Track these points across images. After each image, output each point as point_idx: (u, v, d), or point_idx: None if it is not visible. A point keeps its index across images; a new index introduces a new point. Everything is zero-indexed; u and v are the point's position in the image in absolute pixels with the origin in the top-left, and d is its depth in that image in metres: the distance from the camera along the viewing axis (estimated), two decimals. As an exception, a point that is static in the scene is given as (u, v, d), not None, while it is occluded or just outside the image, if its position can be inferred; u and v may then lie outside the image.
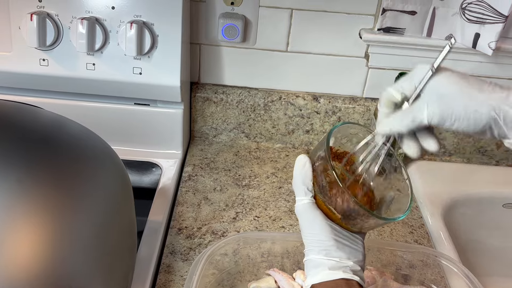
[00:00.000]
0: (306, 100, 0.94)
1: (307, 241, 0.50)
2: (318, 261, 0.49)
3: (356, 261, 0.49)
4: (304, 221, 0.50)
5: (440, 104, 0.45)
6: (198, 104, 0.94)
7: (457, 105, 0.45)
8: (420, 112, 0.46)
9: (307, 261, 0.50)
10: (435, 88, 0.46)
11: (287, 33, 0.89)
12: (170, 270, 0.68)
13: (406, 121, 0.47)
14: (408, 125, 0.47)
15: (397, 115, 0.48)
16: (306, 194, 0.50)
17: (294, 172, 0.51)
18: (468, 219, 0.91)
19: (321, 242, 0.49)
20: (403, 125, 0.47)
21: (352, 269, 0.49)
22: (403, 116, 0.48)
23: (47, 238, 0.46)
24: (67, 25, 0.77)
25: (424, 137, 0.49)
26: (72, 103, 0.86)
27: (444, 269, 0.67)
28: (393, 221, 0.51)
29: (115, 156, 0.60)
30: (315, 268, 0.49)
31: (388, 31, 0.86)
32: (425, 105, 0.46)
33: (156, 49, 0.79)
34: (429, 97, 0.46)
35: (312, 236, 0.50)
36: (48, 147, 0.53)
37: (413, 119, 0.47)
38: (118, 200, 0.57)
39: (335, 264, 0.48)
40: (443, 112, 0.45)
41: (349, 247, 0.50)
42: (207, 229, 0.76)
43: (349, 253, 0.49)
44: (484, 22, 0.80)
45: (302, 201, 0.50)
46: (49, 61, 0.79)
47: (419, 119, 0.46)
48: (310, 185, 0.50)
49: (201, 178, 0.87)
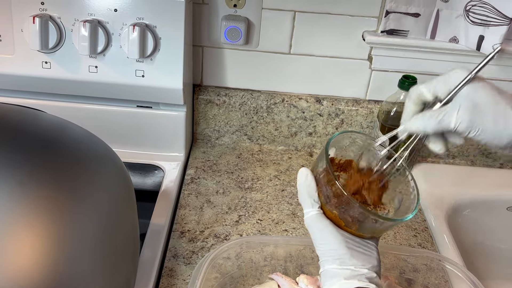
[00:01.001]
0: (309, 103, 0.94)
1: (320, 252, 0.50)
2: (333, 272, 0.49)
3: (370, 267, 0.49)
4: (314, 232, 0.50)
5: (472, 112, 0.45)
6: (200, 107, 0.94)
7: (487, 117, 0.45)
8: (449, 116, 0.46)
9: (323, 272, 0.50)
10: (470, 95, 0.45)
11: (290, 35, 0.89)
12: (173, 274, 0.68)
13: (434, 122, 0.47)
14: (434, 126, 0.47)
15: (426, 115, 0.48)
16: (312, 205, 0.50)
17: (298, 186, 0.51)
18: (472, 222, 0.90)
19: (334, 251, 0.49)
20: (429, 125, 0.47)
21: (368, 276, 0.48)
22: (431, 116, 0.47)
23: (49, 241, 0.46)
24: (70, 28, 0.77)
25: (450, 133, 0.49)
26: (75, 105, 0.85)
27: (448, 273, 0.67)
28: (402, 221, 0.50)
29: (117, 159, 0.60)
30: (331, 279, 0.49)
31: (391, 33, 0.86)
32: (456, 110, 0.46)
33: (158, 51, 0.79)
34: (462, 103, 0.45)
35: (325, 246, 0.49)
36: (50, 150, 0.52)
37: (441, 121, 0.46)
38: (121, 203, 0.57)
39: (350, 273, 0.48)
40: (472, 120, 0.45)
41: (363, 253, 0.49)
42: (210, 232, 0.75)
43: (363, 259, 0.49)
44: (488, 24, 0.80)
45: (310, 213, 0.50)
46: (52, 64, 0.79)
47: (447, 122, 0.46)
48: (315, 196, 0.50)
49: (203, 181, 0.87)
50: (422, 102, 0.49)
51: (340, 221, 0.50)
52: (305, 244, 0.69)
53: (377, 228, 0.50)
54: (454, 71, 0.47)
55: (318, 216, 0.50)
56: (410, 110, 0.50)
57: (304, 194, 0.50)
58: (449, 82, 0.47)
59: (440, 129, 0.47)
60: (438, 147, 0.50)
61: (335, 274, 0.48)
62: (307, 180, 0.50)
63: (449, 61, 0.89)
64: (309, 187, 0.50)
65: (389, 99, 0.86)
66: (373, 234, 0.51)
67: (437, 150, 0.50)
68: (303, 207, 0.51)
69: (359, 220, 0.49)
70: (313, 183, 0.50)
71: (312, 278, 0.63)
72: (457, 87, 0.46)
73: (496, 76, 0.90)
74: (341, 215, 0.49)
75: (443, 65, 0.89)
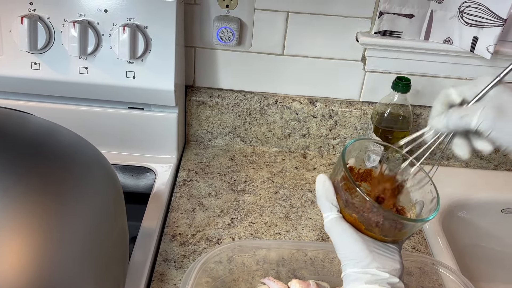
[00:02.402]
0: (303, 104, 0.93)
1: (341, 256, 0.50)
2: (354, 276, 0.48)
3: (393, 271, 0.48)
4: (335, 236, 0.50)
5: (496, 113, 0.46)
6: (193, 108, 0.93)
7: (510, 120, 0.45)
8: (473, 113, 0.46)
9: (344, 276, 0.49)
10: (496, 97, 0.46)
11: (283, 36, 0.88)
12: (163, 279, 0.67)
13: (456, 117, 0.47)
14: (456, 122, 0.48)
15: (449, 111, 0.49)
16: (331, 209, 0.50)
17: (317, 192, 0.51)
18: (466, 224, 0.90)
19: (355, 254, 0.48)
20: (451, 121, 0.48)
21: (389, 281, 0.48)
22: (454, 111, 0.48)
23: (34, 247, 0.45)
24: (59, 28, 0.76)
25: (476, 138, 0.49)
26: (65, 107, 0.84)
27: (442, 277, 0.66)
28: (423, 222, 0.50)
29: (106, 162, 0.59)
30: (352, 283, 0.48)
31: (385, 34, 0.85)
32: (480, 109, 0.46)
33: (149, 52, 0.78)
34: (487, 103, 0.46)
35: (345, 250, 0.49)
36: (37, 154, 0.51)
37: (463, 117, 0.47)
38: (109, 208, 0.56)
39: (371, 277, 0.47)
40: (495, 121, 0.46)
41: (385, 257, 0.49)
42: (202, 235, 0.75)
43: (385, 263, 0.48)
44: (482, 25, 0.79)
45: (329, 216, 0.50)
46: (41, 65, 0.78)
47: (469, 119, 0.47)
48: (334, 200, 0.50)
49: (196, 183, 0.86)
50: (449, 104, 0.50)
51: (361, 225, 0.49)
52: (297, 247, 0.68)
53: (399, 232, 0.50)
54: (483, 77, 0.48)
55: (337, 219, 0.49)
56: (436, 110, 0.50)
57: (322, 198, 0.50)
58: (477, 85, 0.48)
59: (462, 126, 0.47)
60: (463, 151, 0.50)
61: (356, 278, 0.48)
62: (325, 185, 0.51)
63: (443, 62, 0.88)
64: (327, 191, 0.50)
65: (383, 100, 0.85)
66: (395, 238, 0.51)
67: (461, 154, 0.50)
68: (322, 212, 0.51)
69: (379, 223, 0.48)
70: (331, 187, 0.50)
71: (304, 282, 0.62)
72: (484, 89, 0.47)
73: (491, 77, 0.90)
74: (361, 219, 0.49)
75: (437, 66, 0.89)
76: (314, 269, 0.67)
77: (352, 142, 0.52)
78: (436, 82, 0.91)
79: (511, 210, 0.90)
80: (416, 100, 0.92)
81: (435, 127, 0.50)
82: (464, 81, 0.49)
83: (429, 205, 0.52)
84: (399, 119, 0.84)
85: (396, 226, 0.49)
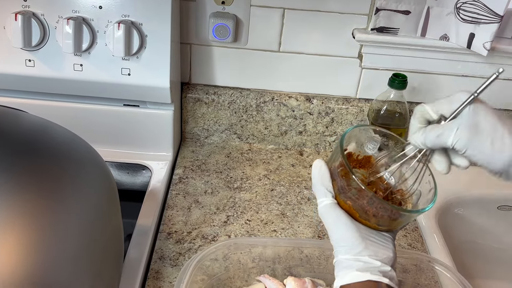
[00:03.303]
0: (299, 101, 0.93)
1: (334, 242, 0.50)
2: (346, 263, 0.48)
3: (385, 259, 0.48)
4: (328, 221, 0.50)
5: (471, 131, 0.46)
6: (189, 105, 0.93)
7: (485, 138, 0.46)
8: (449, 132, 0.47)
9: (336, 262, 0.49)
10: (471, 116, 0.46)
11: (279, 33, 0.88)
12: (159, 276, 0.67)
13: (433, 135, 0.48)
14: (433, 139, 0.48)
15: (427, 128, 0.49)
16: (326, 194, 0.50)
17: (312, 177, 0.51)
18: (463, 221, 0.90)
19: (347, 241, 0.48)
20: (428, 138, 0.48)
21: (381, 269, 0.48)
22: (431, 129, 0.48)
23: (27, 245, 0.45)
24: (53, 25, 0.75)
25: (454, 154, 0.50)
26: (60, 104, 0.84)
27: (438, 274, 0.66)
28: (420, 213, 0.50)
29: (101, 160, 0.58)
30: (343, 270, 0.48)
31: (381, 31, 0.85)
32: (456, 127, 0.47)
33: (144, 49, 0.77)
34: (462, 121, 0.47)
35: (338, 236, 0.49)
36: (31, 152, 0.51)
37: (440, 135, 0.47)
38: (103, 205, 0.56)
39: (363, 265, 0.47)
40: (470, 140, 0.46)
41: (378, 244, 0.49)
42: (197, 233, 0.74)
43: (378, 251, 0.48)
44: (479, 22, 0.79)
45: (323, 202, 0.50)
46: (35, 62, 0.77)
47: (445, 138, 0.47)
48: (329, 186, 0.50)
49: (192, 181, 0.85)
50: (426, 121, 0.50)
51: (355, 212, 0.49)
52: (293, 245, 0.68)
53: (393, 221, 0.50)
54: (459, 93, 0.48)
55: (331, 205, 0.49)
56: (414, 126, 0.50)
57: (318, 183, 0.50)
58: (452, 102, 0.48)
59: (439, 144, 0.48)
60: (442, 166, 0.50)
61: (348, 265, 0.48)
62: (321, 170, 0.51)
63: (440, 59, 0.88)
64: (323, 176, 0.50)
65: (379, 97, 0.85)
66: (389, 227, 0.51)
67: (440, 169, 0.51)
68: (317, 197, 0.51)
69: (373, 212, 0.48)
70: (327, 172, 0.50)
71: (299, 280, 0.62)
72: (460, 106, 0.47)
73: (487, 74, 0.89)
74: (355, 206, 0.49)
75: (434, 63, 0.89)
76: (310, 266, 0.67)
77: (351, 129, 0.52)
78: (433, 79, 0.91)
79: (507, 207, 0.90)
80: (413, 97, 0.92)
81: (413, 144, 0.50)
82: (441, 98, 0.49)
83: (426, 196, 0.52)
84: (395, 116, 0.84)
85: (391, 215, 0.49)
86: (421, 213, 0.51)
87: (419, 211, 0.50)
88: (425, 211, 0.50)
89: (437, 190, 0.51)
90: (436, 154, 0.50)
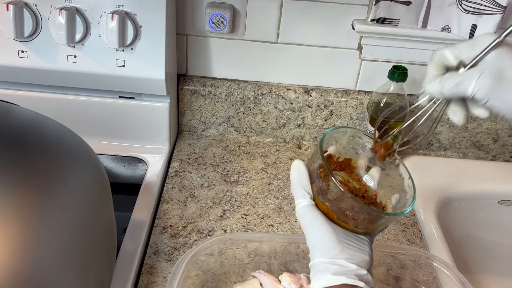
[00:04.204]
0: (298, 93, 0.91)
1: (310, 244, 0.49)
2: (322, 266, 0.47)
3: (361, 262, 0.47)
4: (305, 223, 0.49)
5: (494, 79, 0.42)
6: (185, 97, 0.91)
7: (510, 87, 0.42)
8: (470, 80, 0.43)
9: (312, 265, 0.49)
10: (495, 61, 0.42)
11: (277, 23, 0.86)
12: (153, 271, 0.66)
13: (451, 84, 0.44)
14: (451, 89, 0.44)
15: (445, 76, 0.45)
16: (304, 196, 0.49)
17: (291, 177, 0.50)
18: (463, 215, 0.89)
19: (323, 244, 0.47)
20: (446, 87, 0.44)
21: (357, 273, 0.47)
22: (450, 78, 0.44)
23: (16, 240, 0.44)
24: (46, 16, 0.74)
25: (473, 104, 0.46)
26: (54, 96, 0.83)
27: (436, 270, 0.65)
28: (397, 216, 0.49)
29: (93, 154, 0.57)
30: (319, 273, 0.47)
31: (381, 22, 0.83)
32: (478, 74, 0.43)
33: (139, 40, 0.76)
34: (486, 68, 0.43)
35: (314, 238, 0.48)
36: (21, 147, 0.50)
37: (458, 84, 0.43)
38: (95, 200, 0.55)
39: (338, 269, 0.46)
40: (493, 88, 0.42)
41: (355, 248, 0.48)
42: (193, 227, 0.73)
43: (354, 255, 0.47)
44: (481, 13, 0.77)
45: (301, 203, 0.49)
46: (28, 53, 0.76)
47: (465, 86, 0.43)
48: (307, 187, 0.49)
49: (188, 174, 0.84)
50: (444, 67, 0.46)
51: (333, 214, 0.48)
52: (290, 240, 0.67)
53: (371, 224, 0.49)
54: (482, 36, 0.44)
55: (309, 207, 0.48)
56: (431, 74, 0.46)
57: (296, 184, 0.49)
58: (475, 47, 0.44)
59: (457, 93, 0.44)
60: (458, 117, 0.47)
61: (324, 269, 0.47)
62: (300, 170, 0.49)
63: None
64: (301, 177, 0.49)
65: (379, 90, 0.84)
66: (367, 230, 0.50)
67: (456, 121, 0.47)
68: (295, 198, 0.50)
69: (351, 214, 0.47)
70: (306, 174, 0.49)
71: (295, 276, 0.61)
72: (484, 51, 0.43)
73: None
74: (333, 208, 0.48)
75: (435, 55, 0.87)
76: (307, 261, 0.66)
77: (331, 130, 0.51)
78: (434, 71, 0.89)
79: (508, 202, 0.88)
80: (413, 89, 0.90)
81: (429, 93, 0.46)
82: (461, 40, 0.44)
83: (405, 199, 0.51)
84: (395, 109, 0.83)
85: (369, 218, 0.48)
86: (399, 216, 0.50)
87: (398, 213, 0.49)
88: (404, 213, 0.49)
89: (416, 194, 0.50)
90: (453, 104, 0.47)
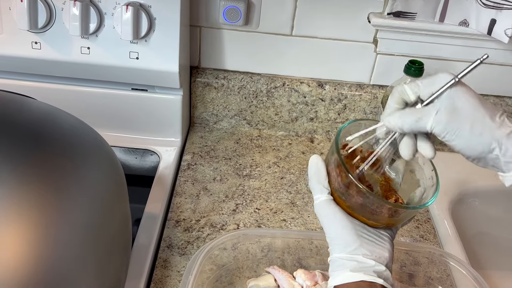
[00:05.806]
0: (311, 87, 0.90)
1: (329, 239, 0.49)
2: (340, 262, 0.48)
3: (380, 258, 0.47)
4: (323, 218, 0.49)
5: (450, 115, 0.44)
6: (198, 90, 0.91)
7: (465, 122, 0.44)
8: (427, 116, 0.45)
9: (331, 260, 0.49)
10: (451, 98, 0.45)
11: (292, 16, 0.85)
12: (167, 265, 0.66)
13: (412, 119, 0.46)
14: (411, 123, 0.46)
15: (405, 111, 0.47)
16: (322, 191, 0.49)
17: (308, 173, 0.51)
18: (477, 211, 0.88)
19: (341, 239, 0.48)
20: (407, 122, 0.46)
21: (375, 269, 0.47)
22: (410, 113, 0.46)
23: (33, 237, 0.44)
24: (60, 7, 0.73)
25: (422, 141, 0.48)
26: (67, 88, 0.82)
27: (450, 267, 0.65)
28: (418, 209, 0.49)
29: (109, 149, 0.57)
30: (337, 269, 0.48)
31: (398, 15, 0.82)
32: (435, 111, 0.45)
33: (153, 32, 0.75)
34: (442, 105, 0.45)
35: (333, 233, 0.48)
36: (36, 141, 0.50)
37: (418, 120, 0.45)
38: (111, 194, 0.55)
39: (356, 265, 0.47)
40: (449, 124, 0.44)
41: (373, 242, 0.48)
42: (206, 221, 0.73)
43: (373, 250, 0.48)
44: (501, 7, 0.75)
45: (319, 198, 0.49)
46: (42, 44, 0.76)
47: (423, 122, 0.45)
48: (325, 182, 0.49)
49: (200, 167, 0.84)
50: (404, 102, 0.48)
51: (352, 209, 0.48)
52: (303, 236, 0.67)
53: (392, 218, 0.48)
54: (439, 74, 0.46)
55: (327, 202, 0.49)
56: (391, 108, 0.48)
57: (314, 179, 0.50)
58: (433, 84, 0.46)
59: (417, 128, 0.46)
60: (407, 152, 0.48)
61: (342, 264, 0.47)
62: (317, 166, 0.50)
63: (459, 45, 0.85)
64: (319, 172, 0.50)
65: (394, 84, 0.83)
66: (388, 224, 0.49)
67: (404, 155, 0.48)
68: (313, 193, 0.50)
69: (370, 209, 0.47)
70: (323, 169, 0.50)
71: (309, 273, 0.61)
72: (440, 89, 0.45)
73: (508, 61, 0.86)
74: (351, 203, 0.48)
75: (452, 50, 0.86)
76: (320, 258, 0.66)
77: (347, 124, 0.51)
78: (451, 66, 0.88)
79: (522, 198, 0.88)
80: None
81: (389, 127, 0.47)
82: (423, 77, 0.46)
83: (428, 191, 0.50)
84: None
85: (389, 212, 0.47)
86: (419, 209, 0.49)
87: (417, 207, 0.49)
88: (424, 206, 0.49)
89: (439, 186, 0.49)
90: (406, 138, 0.48)
